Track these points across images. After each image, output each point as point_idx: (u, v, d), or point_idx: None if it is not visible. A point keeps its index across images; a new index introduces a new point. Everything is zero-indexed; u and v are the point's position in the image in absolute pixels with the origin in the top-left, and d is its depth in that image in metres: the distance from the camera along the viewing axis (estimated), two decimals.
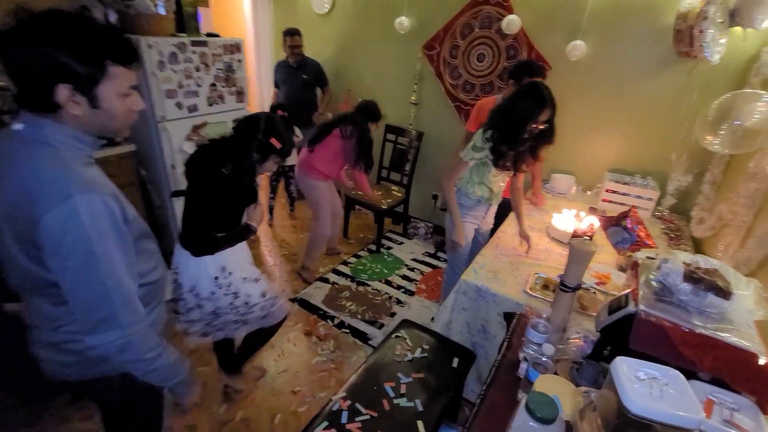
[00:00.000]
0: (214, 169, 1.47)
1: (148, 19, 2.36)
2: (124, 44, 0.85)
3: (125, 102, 0.89)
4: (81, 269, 0.82)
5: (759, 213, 1.61)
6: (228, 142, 1.53)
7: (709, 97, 2.28)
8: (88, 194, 0.81)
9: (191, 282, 1.55)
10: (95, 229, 0.81)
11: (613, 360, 0.80)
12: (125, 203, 0.92)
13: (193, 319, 1.61)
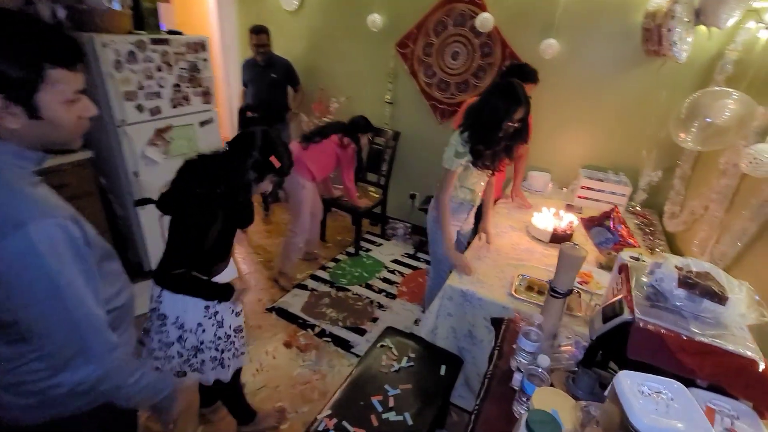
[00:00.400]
0: (204, 187, 1.30)
1: (102, 16, 2.19)
2: (65, 43, 0.75)
3: (72, 109, 0.78)
4: (45, 304, 0.74)
5: (730, 208, 1.65)
6: (221, 159, 1.36)
7: (677, 94, 2.35)
8: (44, 220, 0.72)
9: (176, 313, 1.38)
10: (55, 258, 0.73)
11: (616, 375, 0.77)
12: (85, 224, 0.83)
13: (171, 355, 1.41)
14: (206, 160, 1.36)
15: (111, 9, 2.23)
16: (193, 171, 1.35)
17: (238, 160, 1.35)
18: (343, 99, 3.44)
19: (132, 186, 2.46)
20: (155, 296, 1.41)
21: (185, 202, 1.32)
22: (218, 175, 1.32)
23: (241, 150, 1.36)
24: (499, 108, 1.72)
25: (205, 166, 1.35)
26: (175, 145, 2.62)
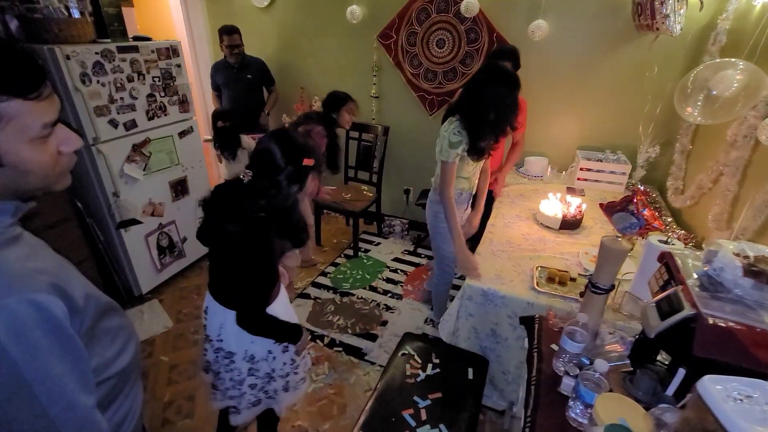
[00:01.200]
0: (246, 220, 1.16)
1: (60, 25, 1.99)
2: (19, 66, 0.58)
3: (43, 147, 0.62)
4: (9, 404, 0.58)
5: (744, 181, 1.63)
6: (253, 189, 1.17)
7: (670, 68, 2.33)
8: (6, 300, 0.56)
9: (244, 347, 1.29)
10: (23, 347, 0.57)
11: (701, 381, 0.71)
12: (72, 286, 0.67)
13: (244, 391, 1.34)
14: (235, 189, 1.20)
15: (70, 17, 2.03)
16: (226, 204, 1.20)
17: (272, 184, 1.17)
18: None
19: (113, 208, 2.28)
20: (214, 336, 1.32)
21: (232, 239, 1.18)
22: (257, 205, 1.16)
23: (269, 173, 1.17)
24: (504, 95, 1.65)
25: (238, 197, 1.18)
26: (155, 159, 2.45)
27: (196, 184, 2.78)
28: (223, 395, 1.37)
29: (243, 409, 1.38)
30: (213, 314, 1.33)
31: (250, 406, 1.38)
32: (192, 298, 2.68)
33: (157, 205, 2.53)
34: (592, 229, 2.04)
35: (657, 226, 1.60)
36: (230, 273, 1.26)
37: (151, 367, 2.16)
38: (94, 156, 2.13)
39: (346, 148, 3.29)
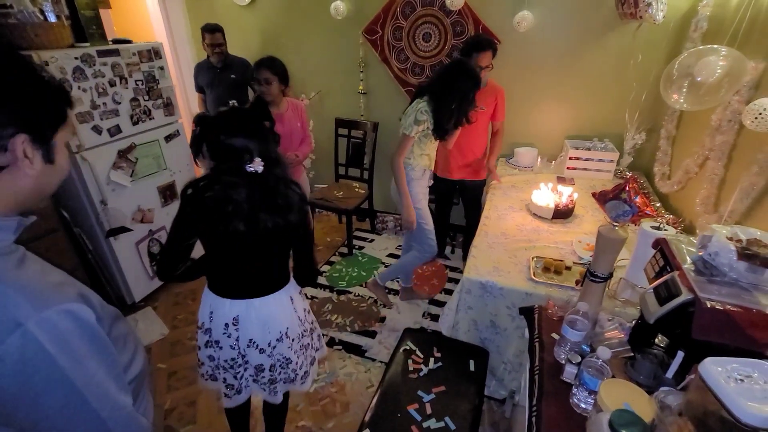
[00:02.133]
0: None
1: (36, 30, 1.93)
2: (60, 83, 0.65)
3: (65, 153, 0.67)
4: (63, 411, 0.60)
5: (730, 165, 1.67)
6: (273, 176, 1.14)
7: (654, 55, 2.37)
8: (45, 312, 0.57)
9: (289, 319, 1.35)
10: (69, 355, 0.59)
11: (702, 363, 0.73)
12: (91, 294, 0.69)
13: (300, 355, 1.42)
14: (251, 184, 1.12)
15: (46, 21, 1.96)
16: (260, 200, 1.13)
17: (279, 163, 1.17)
18: (314, 95, 3.28)
19: (101, 216, 2.23)
20: (261, 340, 1.31)
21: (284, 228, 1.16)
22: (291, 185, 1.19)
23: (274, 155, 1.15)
24: (467, 89, 1.92)
25: (266, 188, 1.13)
26: (142, 164, 2.40)
27: None
28: (285, 381, 1.40)
29: (310, 371, 1.48)
30: (252, 316, 1.28)
31: (311, 365, 1.50)
32: (187, 304, 2.65)
33: (146, 211, 2.48)
34: (583, 218, 2.08)
35: (649, 213, 1.63)
36: (284, 258, 1.31)
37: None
38: (78, 164, 2.08)
39: (336, 146, 3.28)
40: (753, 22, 1.68)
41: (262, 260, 1.27)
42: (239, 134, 1.09)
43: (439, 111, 1.95)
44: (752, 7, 1.67)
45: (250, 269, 1.27)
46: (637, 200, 1.62)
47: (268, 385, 1.40)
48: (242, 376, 1.38)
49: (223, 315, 1.29)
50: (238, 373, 1.37)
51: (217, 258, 1.27)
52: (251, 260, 1.25)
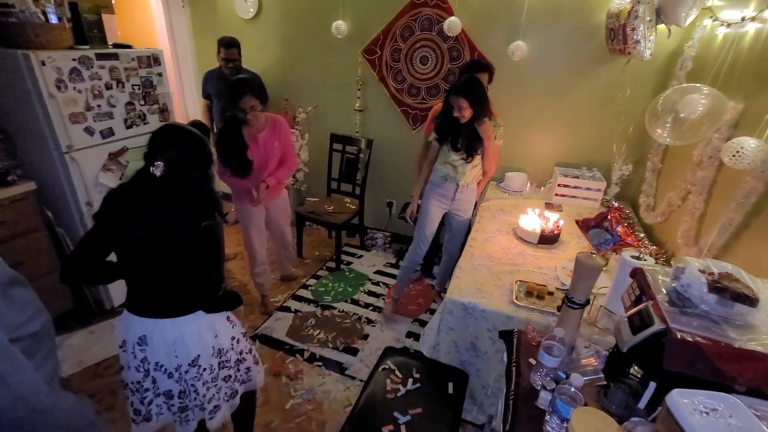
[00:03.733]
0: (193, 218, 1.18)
1: (37, 30, 1.95)
2: None
3: None
4: None
5: (710, 199, 1.71)
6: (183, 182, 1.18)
7: (641, 90, 2.45)
8: None
9: (210, 344, 1.29)
10: None
11: (669, 395, 0.73)
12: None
13: (220, 386, 1.35)
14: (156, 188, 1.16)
15: (47, 22, 1.99)
16: (172, 206, 1.17)
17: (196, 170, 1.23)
18: (311, 109, 3.32)
19: (85, 218, 2.21)
20: (165, 359, 1.24)
21: (193, 238, 1.19)
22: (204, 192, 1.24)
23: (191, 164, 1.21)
24: (447, 100, 2.04)
25: (178, 195, 1.18)
26: (132, 168, 2.39)
27: None
28: (199, 409, 1.33)
29: (222, 406, 1.37)
30: (159, 338, 1.22)
31: (228, 399, 1.39)
32: None
33: None
34: (569, 244, 2.10)
35: (630, 243, 1.66)
36: (189, 273, 1.23)
37: (120, 384, 2.07)
38: (67, 164, 2.07)
39: (329, 160, 3.30)
40: (734, 65, 1.75)
41: (167, 272, 1.21)
42: (168, 146, 1.18)
43: (438, 123, 2.18)
44: (733, 51, 1.74)
45: (156, 282, 1.22)
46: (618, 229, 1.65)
47: (179, 413, 1.31)
48: (150, 402, 1.28)
49: (132, 332, 1.23)
50: (145, 398, 1.27)
51: (125, 265, 1.22)
52: (155, 270, 1.21)
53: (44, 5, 1.98)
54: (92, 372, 2.13)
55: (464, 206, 2.35)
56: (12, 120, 2.06)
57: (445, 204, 2.33)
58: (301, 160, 3.44)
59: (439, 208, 2.34)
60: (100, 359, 2.20)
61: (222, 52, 2.91)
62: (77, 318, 2.41)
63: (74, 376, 2.09)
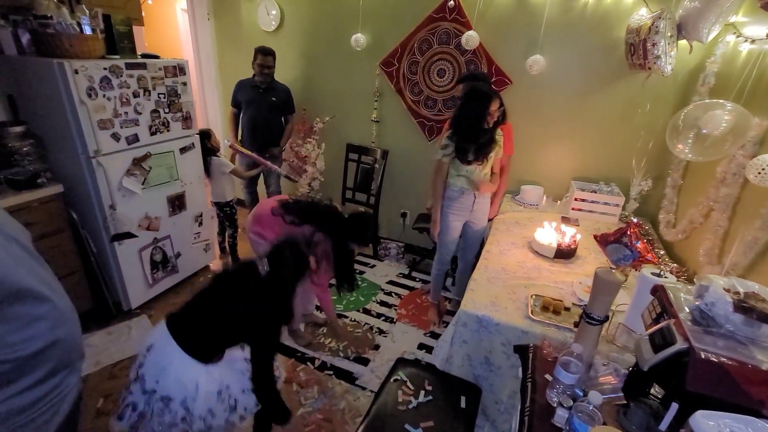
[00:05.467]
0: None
1: (71, 40, 2.04)
2: None
3: None
4: None
5: (733, 217, 1.67)
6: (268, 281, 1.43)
7: (661, 105, 2.42)
8: None
9: (183, 394, 1.28)
10: None
11: (693, 416, 0.71)
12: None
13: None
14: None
15: (82, 33, 2.08)
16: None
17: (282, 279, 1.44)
18: (328, 119, 3.37)
19: (108, 220, 2.27)
20: (149, 377, 1.28)
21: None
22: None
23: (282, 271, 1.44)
24: (476, 108, 2.05)
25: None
26: (155, 173, 2.46)
27: (194, 200, 2.78)
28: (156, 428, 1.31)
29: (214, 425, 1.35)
30: (157, 354, 1.30)
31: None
32: None
33: (153, 219, 2.52)
34: (586, 259, 2.06)
35: (650, 259, 1.62)
36: (218, 332, 1.36)
37: None
38: (93, 168, 2.14)
39: (345, 170, 3.34)
40: (758, 81, 1.72)
41: (211, 319, 1.35)
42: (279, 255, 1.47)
43: (458, 137, 2.15)
44: (758, 66, 1.72)
45: (204, 324, 1.35)
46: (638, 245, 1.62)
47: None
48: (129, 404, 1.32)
49: (151, 336, 1.35)
50: (125, 396, 1.33)
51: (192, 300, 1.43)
52: (212, 319, 1.36)
53: (80, 17, 2.08)
54: (109, 372, 2.17)
55: (480, 216, 2.38)
56: (44, 125, 2.15)
57: (463, 216, 2.36)
58: (317, 168, 3.48)
59: (458, 221, 2.37)
60: (117, 360, 2.23)
61: (259, 59, 2.98)
62: (96, 319, 2.46)
63: (91, 376, 2.12)
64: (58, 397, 0.90)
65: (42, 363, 0.85)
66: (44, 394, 0.87)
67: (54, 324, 0.87)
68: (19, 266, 0.82)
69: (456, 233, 2.42)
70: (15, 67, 2.10)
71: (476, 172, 2.22)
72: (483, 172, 2.24)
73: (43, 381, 0.86)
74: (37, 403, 0.86)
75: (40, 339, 0.83)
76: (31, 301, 0.83)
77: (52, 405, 0.89)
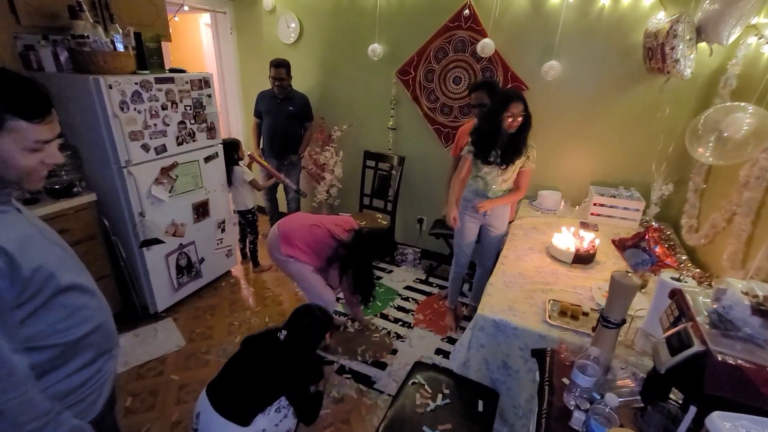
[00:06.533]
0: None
1: (106, 57, 2.16)
2: (31, 99, 0.83)
3: (32, 156, 0.85)
4: None
5: (758, 221, 1.64)
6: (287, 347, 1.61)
7: (682, 109, 2.39)
8: None
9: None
10: None
11: (710, 417, 0.72)
12: (26, 258, 0.82)
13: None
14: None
15: (115, 50, 2.21)
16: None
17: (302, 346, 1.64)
18: (346, 127, 3.44)
19: (137, 227, 2.38)
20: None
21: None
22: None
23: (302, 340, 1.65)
24: (496, 109, 2.05)
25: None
26: (181, 182, 2.57)
27: (217, 207, 2.89)
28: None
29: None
30: (204, 423, 1.47)
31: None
32: (206, 318, 2.72)
33: (179, 225, 2.63)
34: (605, 265, 2.05)
35: (669, 264, 1.60)
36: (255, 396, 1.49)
37: (161, 385, 2.18)
38: (124, 177, 2.25)
39: (362, 176, 3.40)
40: None
41: (249, 382, 1.51)
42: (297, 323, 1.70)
43: (477, 132, 2.19)
44: None
45: (239, 385, 1.51)
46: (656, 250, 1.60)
47: None
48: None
49: (198, 404, 1.53)
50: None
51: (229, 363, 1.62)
52: (242, 374, 1.53)
53: (113, 35, 2.21)
54: (136, 373, 2.26)
55: (497, 222, 2.38)
56: (79, 137, 2.28)
57: (478, 218, 2.37)
58: (335, 176, 3.55)
59: (474, 223, 2.40)
60: (144, 361, 2.33)
61: (272, 72, 3.10)
62: (124, 321, 2.57)
63: (119, 376, 2.22)
64: (101, 380, 1.01)
65: (86, 348, 0.96)
66: (89, 377, 0.98)
67: (94, 312, 0.98)
68: (62, 263, 0.93)
69: (471, 236, 2.43)
70: (54, 84, 2.24)
71: (492, 174, 2.22)
72: (501, 178, 2.23)
73: (88, 365, 0.97)
74: (85, 384, 0.97)
75: (84, 326, 0.95)
76: (74, 292, 0.94)
77: (96, 387, 1.00)
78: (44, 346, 0.88)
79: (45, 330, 0.88)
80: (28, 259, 0.82)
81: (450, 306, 2.72)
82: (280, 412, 1.51)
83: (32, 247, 0.85)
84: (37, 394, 0.83)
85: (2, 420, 0.79)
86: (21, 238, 0.84)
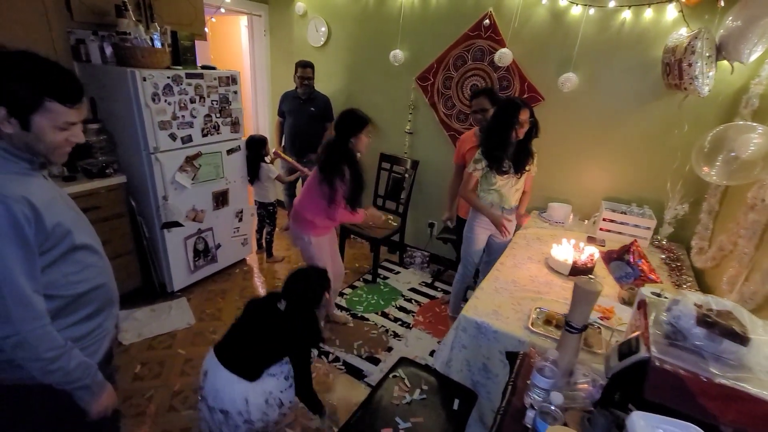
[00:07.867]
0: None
1: (143, 52, 2.37)
2: (69, 86, 0.96)
3: (61, 133, 0.98)
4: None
5: (760, 245, 1.58)
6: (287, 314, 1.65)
7: (700, 127, 2.32)
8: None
9: (237, 407, 1.53)
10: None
11: (629, 416, 0.74)
12: (50, 213, 0.95)
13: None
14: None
15: (152, 47, 2.41)
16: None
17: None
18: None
19: (160, 209, 2.57)
20: (208, 397, 1.57)
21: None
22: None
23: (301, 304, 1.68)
24: (505, 118, 2.09)
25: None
26: (203, 171, 2.75)
27: (236, 197, 3.06)
28: None
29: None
30: (211, 379, 1.56)
31: None
32: (217, 301, 2.88)
33: (199, 211, 2.81)
34: (604, 280, 2.01)
35: (653, 279, 1.57)
36: (261, 354, 1.59)
37: (169, 357, 2.34)
38: (152, 163, 2.45)
39: (377, 178, 3.48)
40: None
41: (253, 343, 1.59)
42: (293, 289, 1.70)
43: (488, 147, 2.19)
44: None
45: (245, 344, 1.60)
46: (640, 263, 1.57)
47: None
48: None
49: (205, 364, 1.62)
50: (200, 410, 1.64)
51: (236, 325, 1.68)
52: (252, 339, 1.61)
53: (152, 33, 2.42)
54: (148, 344, 2.43)
55: (509, 227, 2.40)
56: (115, 123, 2.51)
57: (490, 228, 2.39)
58: None
59: (485, 234, 2.42)
60: (156, 334, 2.50)
61: (299, 71, 3.28)
62: (143, 296, 2.77)
63: (133, 346, 2.40)
64: (101, 334, 1.17)
65: (90, 302, 1.11)
66: (92, 330, 1.12)
67: (99, 271, 1.13)
68: (77, 225, 1.08)
69: (481, 244, 2.46)
70: (98, 74, 2.48)
71: (508, 185, 2.25)
72: (515, 188, 2.27)
73: (90, 318, 1.11)
74: (88, 335, 1.12)
75: (90, 281, 1.09)
76: (86, 251, 1.09)
77: (97, 339, 1.15)
78: (56, 295, 1.02)
79: (59, 280, 1.02)
80: (50, 215, 0.96)
81: (451, 315, 2.73)
82: (288, 381, 1.63)
83: (54, 207, 1.00)
84: (54, 329, 0.99)
85: (23, 350, 0.94)
86: (46, 198, 0.98)
